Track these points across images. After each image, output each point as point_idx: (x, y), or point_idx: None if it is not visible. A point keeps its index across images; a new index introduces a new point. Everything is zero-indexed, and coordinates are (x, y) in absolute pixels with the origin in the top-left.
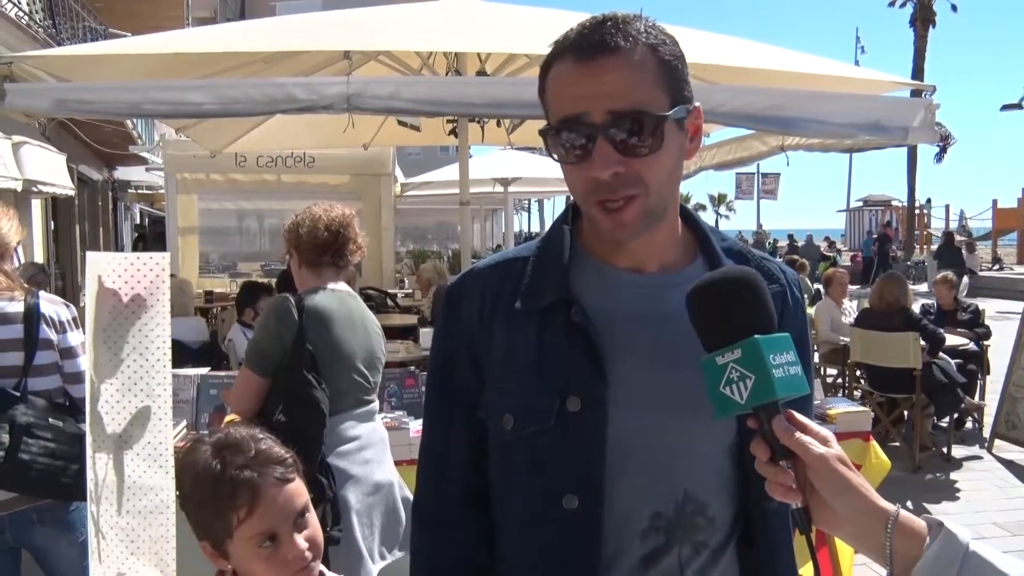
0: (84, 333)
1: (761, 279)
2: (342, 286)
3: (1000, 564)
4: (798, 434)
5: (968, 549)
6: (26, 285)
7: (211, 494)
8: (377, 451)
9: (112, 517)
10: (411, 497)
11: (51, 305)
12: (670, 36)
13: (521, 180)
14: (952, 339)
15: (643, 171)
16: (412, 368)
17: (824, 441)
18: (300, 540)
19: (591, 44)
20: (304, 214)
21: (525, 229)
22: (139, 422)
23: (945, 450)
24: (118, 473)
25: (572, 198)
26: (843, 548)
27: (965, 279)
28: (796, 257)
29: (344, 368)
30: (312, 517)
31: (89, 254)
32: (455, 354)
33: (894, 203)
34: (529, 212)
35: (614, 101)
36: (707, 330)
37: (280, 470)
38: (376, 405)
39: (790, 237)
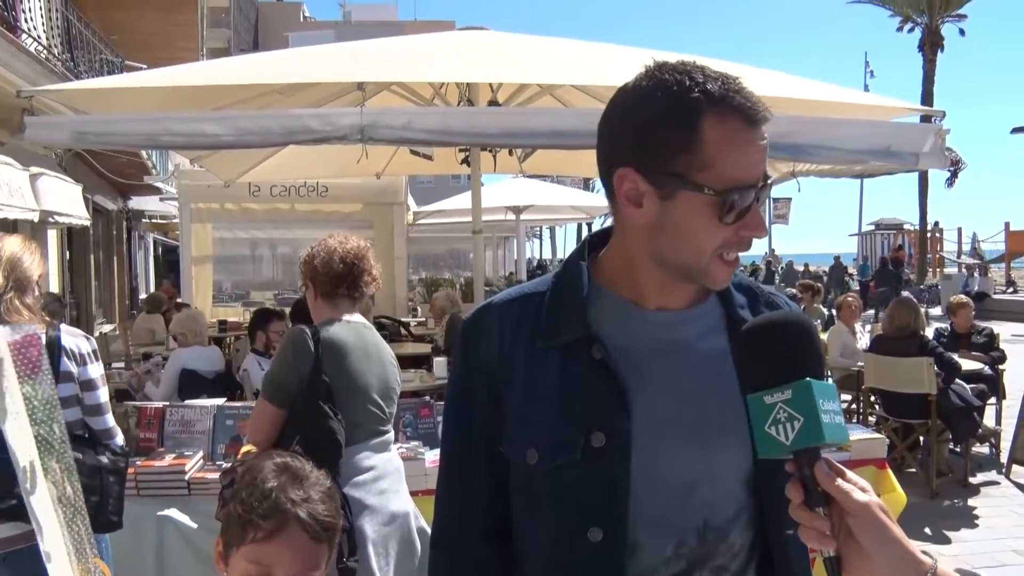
0: (102, 366)
1: (814, 326)
2: (358, 317)
3: None
4: (840, 481)
5: None
6: (47, 318)
7: (250, 501)
8: (393, 481)
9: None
10: (426, 527)
11: (72, 338)
12: None
13: (533, 208)
14: (967, 363)
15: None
16: (427, 398)
17: (863, 490)
18: None
19: (756, 107)
20: (319, 246)
21: (537, 256)
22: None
23: (963, 476)
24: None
25: (592, 226)
26: None
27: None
28: (811, 282)
29: (360, 399)
30: None
31: None
32: (474, 388)
33: (906, 227)
34: (541, 239)
35: (765, 166)
36: (757, 368)
37: (314, 527)
38: (391, 435)
39: (806, 265)
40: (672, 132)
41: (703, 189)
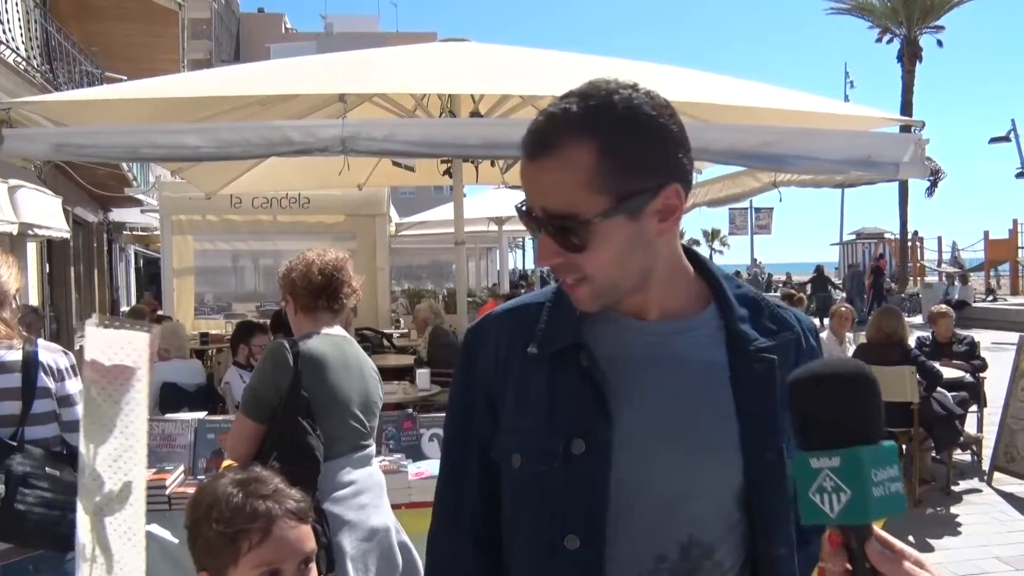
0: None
1: (875, 379)
2: (338, 330)
3: None
4: (902, 563)
5: None
6: (24, 333)
7: (228, 517)
8: (373, 496)
9: None
10: (408, 541)
11: (49, 353)
12: (644, 116)
13: (515, 219)
14: (949, 371)
15: (581, 263)
16: (410, 411)
17: (919, 564)
18: None
19: (533, 142)
20: (298, 259)
21: (520, 267)
22: (120, 497)
23: (946, 483)
24: (99, 539)
25: None
26: None
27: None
28: (793, 292)
29: (340, 414)
30: (314, 569)
31: (88, 325)
32: (474, 400)
33: (887, 235)
34: (524, 250)
35: (547, 200)
36: (806, 425)
37: (298, 509)
38: (373, 450)
39: (788, 275)
40: None
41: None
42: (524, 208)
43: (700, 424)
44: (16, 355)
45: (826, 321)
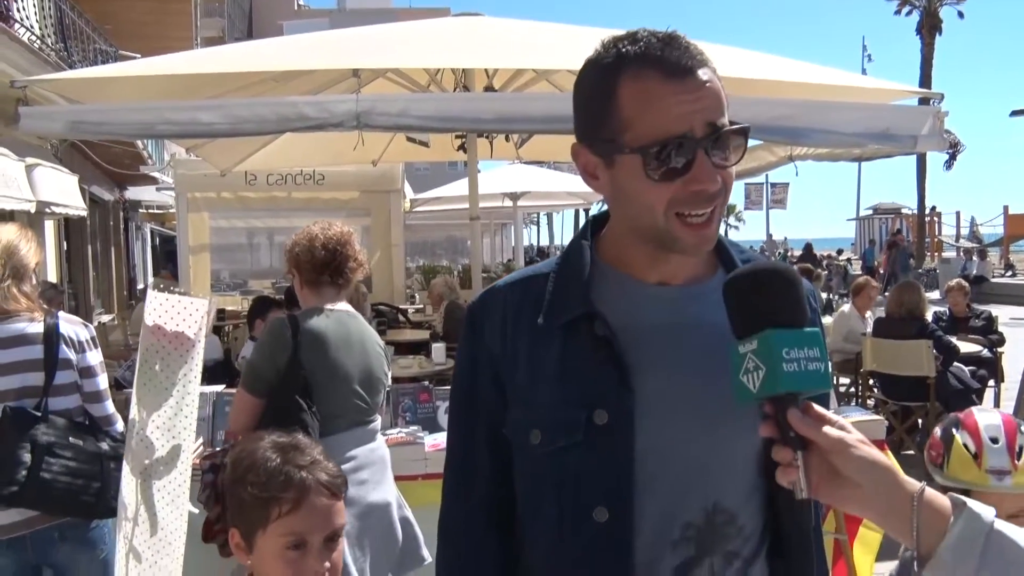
0: (101, 354)
1: (796, 275)
2: (342, 305)
3: (1023, 542)
4: (817, 423)
5: (992, 527)
6: (45, 306)
7: (263, 482)
8: (375, 471)
9: (146, 540)
10: (410, 516)
11: (70, 325)
12: None
13: (530, 194)
14: (966, 346)
15: (727, 182)
16: (426, 383)
17: (842, 429)
18: (325, 561)
19: (680, 59)
20: (302, 234)
21: (534, 243)
22: (168, 460)
23: None
24: (146, 501)
25: (589, 212)
26: (861, 562)
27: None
28: (810, 266)
29: (339, 390)
30: (342, 543)
31: (149, 290)
32: (478, 373)
33: (904, 211)
34: (538, 226)
35: (711, 114)
36: (735, 318)
37: (333, 484)
38: (377, 425)
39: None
40: (597, 100)
41: (625, 149)
42: (682, 134)
43: (719, 389)
44: (38, 327)
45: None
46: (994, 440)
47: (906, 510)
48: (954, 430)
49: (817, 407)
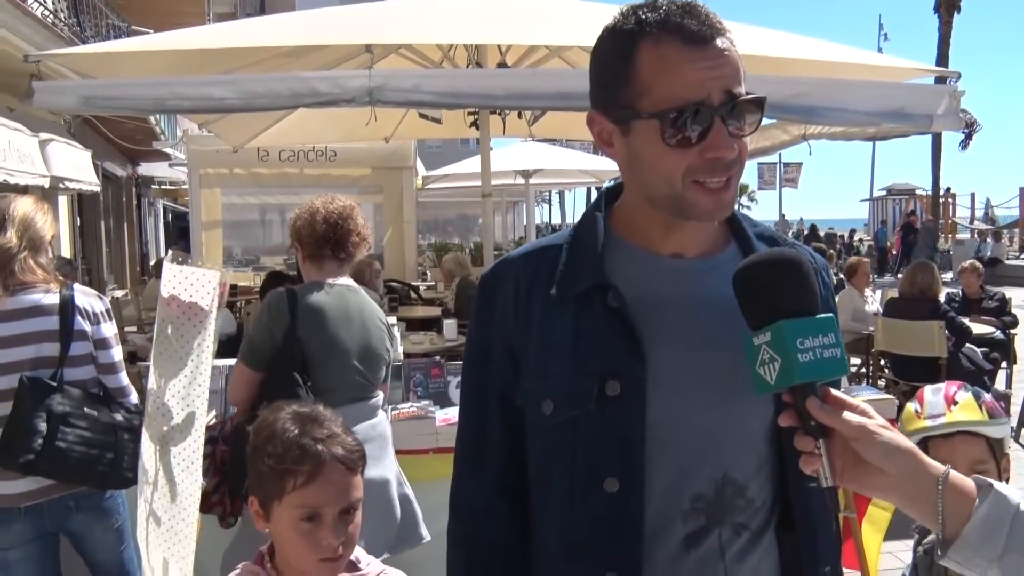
0: (115, 326)
1: (806, 262)
2: (343, 280)
3: None
4: (838, 410)
5: (1019, 508)
6: (60, 278)
7: (280, 453)
8: (374, 447)
9: (166, 505)
10: (409, 494)
11: (85, 297)
12: None
13: (542, 172)
14: (978, 327)
15: (743, 151)
16: (438, 358)
17: (863, 413)
18: (338, 534)
19: (700, 26)
20: (304, 207)
21: (546, 221)
22: (184, 427)
23: None
24: (165, 467)
25: (603, 186)
26: (869, 541)
27: None
28: (823, 246)
29: (336, 364)
30: (358, 517)
31: (165, 262)
32: (490, 343)
33: (918, 192)
34: (550, 204)
35: (729, 82)
36: (747, 310)
37: (349, 458)
38: (378, 401)
39: (812, 227)
40: (615, 68)
41: (642, 115)
42: (700, 100)
43: (730, 362)
44: (53, 298)
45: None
46: (934, 393)
47: (931, 494)
48: (908, 402)
49: (836, 392)
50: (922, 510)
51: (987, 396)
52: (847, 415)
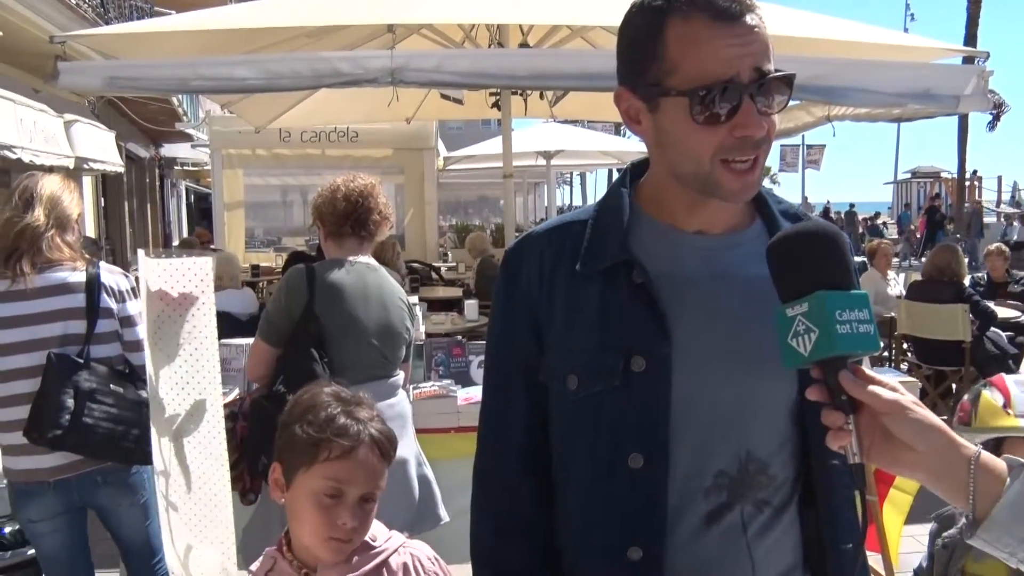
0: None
1: (842, 235)
2: (363, 258)
3: None
4: (868, 385)
5: None
6: (87, 256)
7: (321, 422)
8: (393, 427)
9: (183, 494)
10: (429, 475)
11: (111, 275)
12: None
13: (564, 153)
14: (1004, 311)
15: (771, 129)
16: (460, 337)
17: (894, 390)
18: (356, 519)
19: (731, 4)
20: (326, 186)
21: (567, 202)
22: (193, 417)
23: None
24: (180, 460)
25: (631, 161)
26: (891, 524)
27: None
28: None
29: (353, 342)
30: (374, 509)
31: (140, 256)
32: (515, 318)
33: (943, 174)
34: (571, 185)
35: (759, 59)
36: (783, 281)
37: (384, 444)
38: (398, 380)
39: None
40: (643, 44)
41: (671, 92)
42: (729, 78)
43: (754, 339)
44: (80, 276)
45: None
46: (1021, 386)
47: (963, 474)
48: (983, 389)
49: (865, 369)
50: (952, 489)
51: None
52: (879, 389)
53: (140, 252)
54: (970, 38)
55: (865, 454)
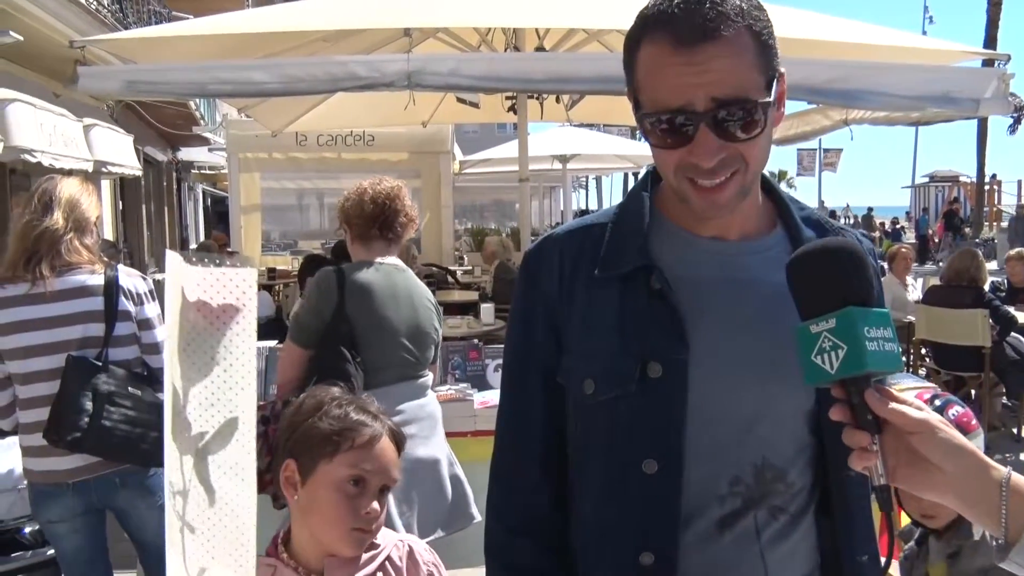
0: (159, 307)
1: (864, 251)
2: (391, 260)
3: None
4: (893, 404)
5: None
6: (105, 259)
7: (340, 416)
8: (424, 427)
9: (203, 515)
10: (460, 474)
11: (129, 278)
12: (758, 3)
13: (580, 157)
14: (1023, 316)
15: (745, 152)
16: (476, 341)
17: (920, 409)
18: (380, 505)
19: (692, 28)
20: (354, 188)
21: (583, 206)
22: (222, 436)
23: (1015, 430)
24: (202, 480)
25: (639, 177)
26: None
27: None
28: (865, 233)
29: (384, 342)
30: (386, 500)
31: (169, 256)
32: (533, 320)
33: (962, 179)
34: (587, 189)
35: (717, 88)
36: (805, 298)
37: (399, 435)
38: (427, 380)
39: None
40: (626, 60)
41: (639, 110)
42: (679, 107)
43: (772, 346)
44: (99, 279)
45: None
46: None
47: (994, 496)
48: None
49: (889, 388)
50: (982, 511)
51: None
52: (907, 408)
53: (169, 253)
54: (990, 40)
55: (890, 476)
